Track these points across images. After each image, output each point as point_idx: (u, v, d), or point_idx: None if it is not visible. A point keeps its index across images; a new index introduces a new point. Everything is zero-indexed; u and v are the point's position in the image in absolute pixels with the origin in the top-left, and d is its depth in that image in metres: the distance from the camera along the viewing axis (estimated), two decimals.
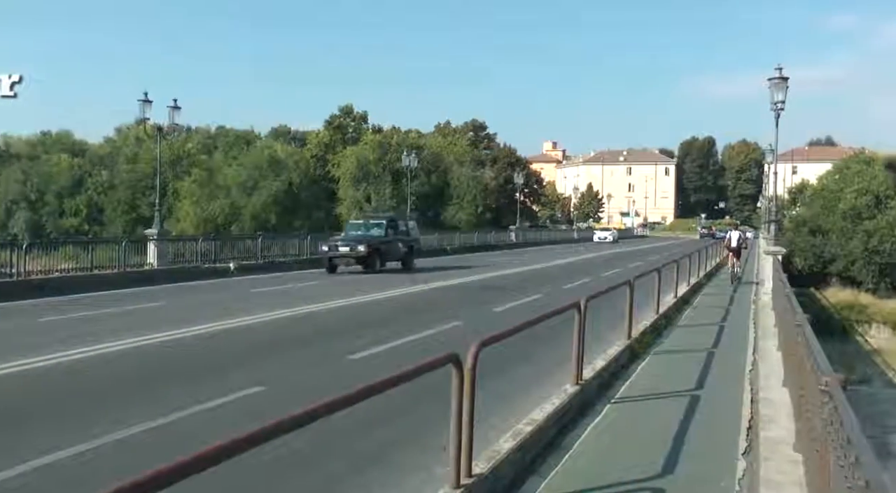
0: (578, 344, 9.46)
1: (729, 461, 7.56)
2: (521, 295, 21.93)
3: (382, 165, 79.06)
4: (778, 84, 27.36)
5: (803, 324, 9.42)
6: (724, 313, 20.16)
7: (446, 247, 50.07)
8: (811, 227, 61.91)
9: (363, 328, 15.41)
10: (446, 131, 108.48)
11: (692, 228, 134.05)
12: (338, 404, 4.32)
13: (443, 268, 33.28)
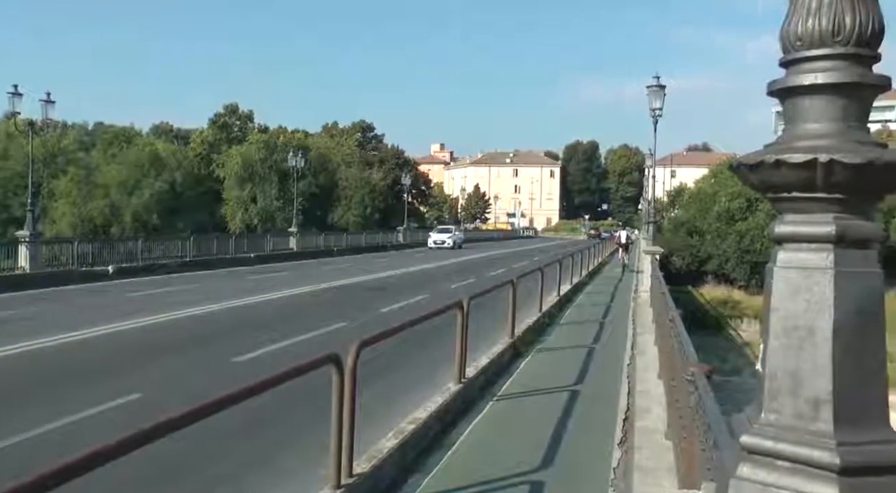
0: (461, 343, 9.55)
1: (605, 450, 7.80)
2: (408, 295, 21.98)
3: (269, 165, 77.63)
4: (656, 91, 28.37)
5: (675, 319, 9.81)
6: (605, 310, 20.76)
7: (333, 248, 49.65)
8: (688, 228, 64.62)
9: (249, 331, 15.12)
10: (334, 132, 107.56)
11: (576, 228, 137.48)
12: (216, 405, 4.23)
13: (334, 268, 33.08)
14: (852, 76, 2.15)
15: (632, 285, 26.66)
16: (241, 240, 41.47)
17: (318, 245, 49.31)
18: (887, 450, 2.07)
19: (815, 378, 2.12)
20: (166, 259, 32.38)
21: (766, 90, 2.33)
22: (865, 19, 2.14)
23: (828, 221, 2.14)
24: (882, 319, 2.18)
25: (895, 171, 2.10)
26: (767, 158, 2.15)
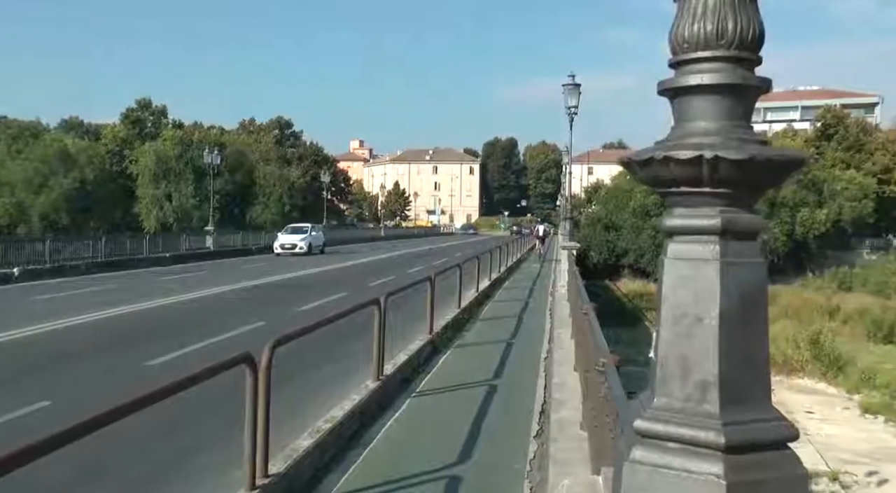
0: (379, 340, 9.58)
1: (522, 443, 7.95)
2: (328, 293, 21.85)
3: (184, 162, 75.89)
4: (571, 90, 28.92)
5: (589, 312, 10.04)
6: (524, 305, 21.05)
7: (252, 247, 48.95)
8: (605, 223, 66.03)
9: (163, 333, 14.82)
10: (251, 128, 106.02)
11: (495, 225, 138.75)
12: (127, 409, 4.17)
13: (252, 267, 32.62)
14: (735, 78, 2.28)
15: (550, 280, 27.09)
16: (155, 239, 40.47)
17: (235, 244, 48.54)
18: (769, 427, 2.22)
19: (703, 363, 2.24)
20: (77, 260, 31.32)
21: (656, 89, 2.45)
22: (747, 25, 2.28)
23: (714, 215, 2.27)
24: (765, 306, 2.32)
25: (775, 166, 2.24)
26: (656, 154, 2.26)
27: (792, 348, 36.54)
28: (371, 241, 74.67)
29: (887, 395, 30.41)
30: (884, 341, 44.50)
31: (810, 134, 78.80)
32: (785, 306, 52.90)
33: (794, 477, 2.22)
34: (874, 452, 23.67)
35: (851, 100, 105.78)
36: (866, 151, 74.37)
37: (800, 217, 64.06)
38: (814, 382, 33.98)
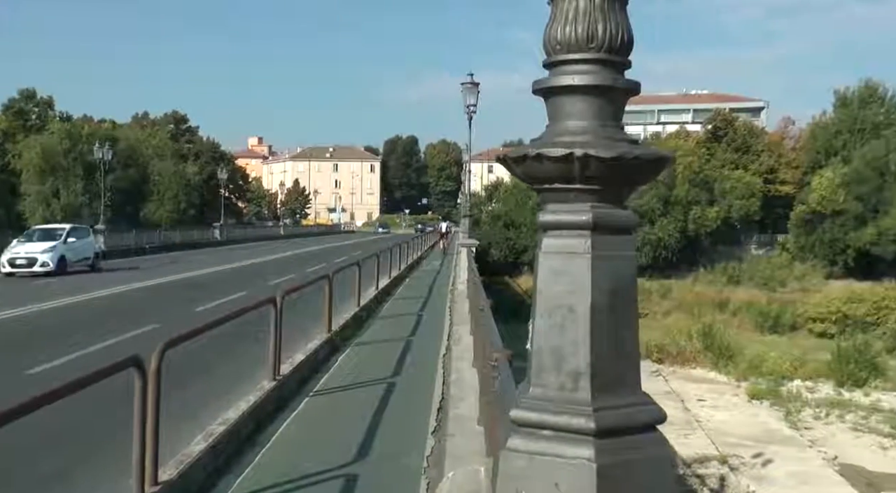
0: (275, 340, 9.47)
1: (420, 440, 8.00)
2: (226, 293, 21.43)
3: (73, 157, 72.75)
4: (470, 89, 29.26)
5: (485, 309, 10.21)
6: (424, 302, 21.15)
7: (145, 246, 47.47)
8: (506, 221, 66.90)
9: (47, 339, 14.20)
10: (144, 123, 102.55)
11: (396, 223, 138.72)
12: (4, 418, 4.00)
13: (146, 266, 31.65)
14: (605, 79, 2.38)
15: (450, 277, 27.28)
16: None
17: (128, 243, 46.96)
18: (638, 411, 2.34)
19: (576, 353, 2.33)
20: None
21: (531, 89, 2.53)
22: (616, 30, 2.38)
23: (585, 210, 2.36)
24: (635, 297, 2.44)
25: (643, 164, 2.36)
26: (530, 152, 2.35)
27: (685, 339, 37.97)
28: (270, 240, 73.55)
29: (772, 382, 31.97)
30: (769, 332, 46.75)
31: (702, 136, 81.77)
32: (678, 299, 54.92)
33: (661, 457, 2.35)
34: (759, 435, 24.87)
35: (740, 104, 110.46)
36: (753, 153, 77.74)
37: (692, 215, 66.45)
38: (706, 371, 35.42)
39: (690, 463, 21.21)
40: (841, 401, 30.00)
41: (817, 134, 74.43)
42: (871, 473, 22.42)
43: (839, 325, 45.83)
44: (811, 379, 33.27)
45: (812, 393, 31.17)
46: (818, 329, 47.26)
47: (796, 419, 27.73)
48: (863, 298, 49.24)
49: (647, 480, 2.28)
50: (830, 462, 22.92)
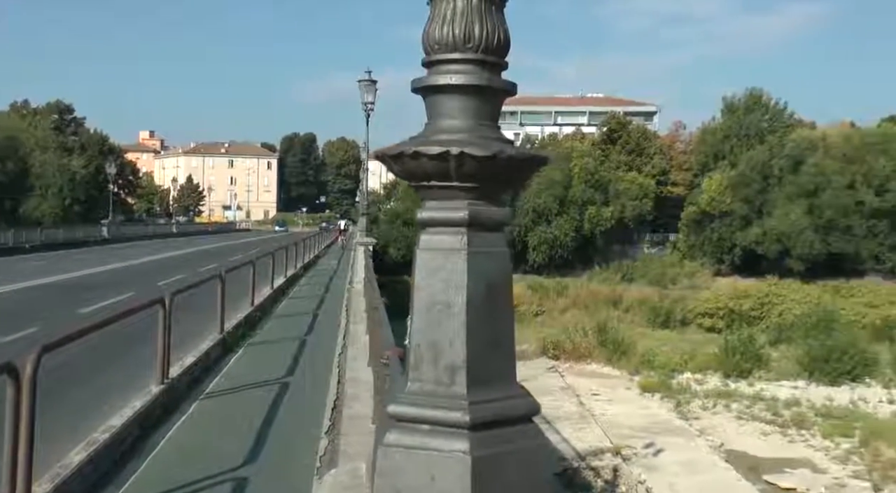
0: (164, 341, 9.20)
1: (313, 440, 7.93)
2: (113, 294, 20.69)
3: None
4: (368, 86, 29.11)
5: (379, 307, 10.21)
6: (320, 301, 20.98)
7: (25, 244, 45.23)
8: (404, 219, 66.90)
9: None
10: (24, 112, 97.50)
11: (294, 221, 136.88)
12: None
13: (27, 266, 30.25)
14: (481, 80, 2.43)
15: (347, 276, 27.13)
16: None
17: (6, 241, 44.62)
18: (513, 404, 2.39)
19: (452, 348, 2.37)
20: None
21: (410, 87, 2.55)
22: (492, 31, 2.43)
23: (461, 207, 2.40)
24: (510, 292, 2.49)
25: (518, 163, 2.41)
26: (407, 149, 2.37)
27: (580, 335, 38.88)
28: (162, 237, 71.44)
29: (663, 375, 33.11)
30: (661, 327, 48.38)
31: (597, 138, 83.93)
32: (574, 296, 56.17)
33: (534, 448, 2.41)
34: (651, 426, 25.72)
35: (634, 108, 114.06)
36: (646, 155, 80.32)
37: (588, 214, 68.05)
38: (600, 366, 36.36)
39: (585, 456, 21.74)
40: (727, 392, 31.32)
41: (706, 138, 77.54)
42: (754, 457, 23.55)
43: (726, 320, 47.78)
44: (700, 372, 34.60)
45: (701, 385, 32.42)
46: (707, 324, 49.17)
47: (686, 409, 28.80)
48: (748, 294, 51.53)
49: (522, 471, 2.34)
50: (717, 449, 23.92)
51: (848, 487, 21.16)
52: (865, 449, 23.77)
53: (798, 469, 22.49)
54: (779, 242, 62.49)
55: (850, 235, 62.43)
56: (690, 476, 20.71)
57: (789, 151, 67.33)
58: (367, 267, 21.76)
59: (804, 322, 41.88)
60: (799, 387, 32.58)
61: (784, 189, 65.07)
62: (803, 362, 34.75)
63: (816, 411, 28.42)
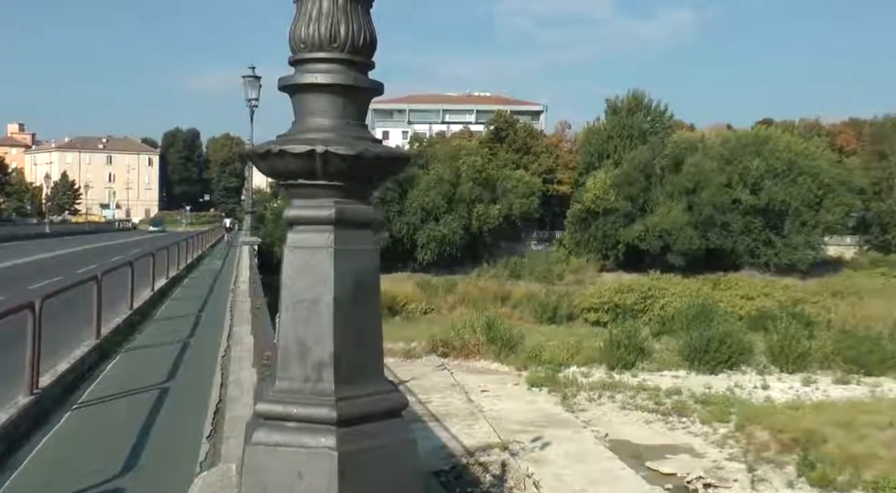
0: (33, 349, 8.75)
1: (194, 445, 7.74)
2: None
3: None
4: (251, 82, 28.61)
5: (262, 307, 10.07)
6: (203, 303, 20.49)
7: None
8: None
9: None
10: None
11: (177, 220, 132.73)
12: None
13: None
14: (347, 79, 2.44)
15: (232, 276, 26.58)
16: None
17: None
18: (381, 400, 2.43)
19: (320, 345, 2.38)
20: None
21: (278, 86, 2.55)
22: (358, 31, 2.44)
23: (328, 206, 2.41)
24: (377, 289, 2.52)
25: (384, 162, 2.44)
26: (273, 148, 2.37)
27: (469, 332, 39.28)
28: (34, 238, 68.05)
29: (550, 369, 33.85)
30: (549, 322, 49.42)
31: (485, 136, 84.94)
32: (463, 294, 56.72)
33: (402, 442, 2.45)
34: (538, 420, 26.27)
35: (520, 107, 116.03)
36: (533, 154, 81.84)
37: (476, 212, 68.82)
38: (489, 362, 36.85)
39: (474, 452, 22.00)
40: (612, 383, 32.30)
41: (591, 138, 79.72)
42: (637, 446, 24.42)
43: (611, 313, 49.17)
44: (586, 365, 35.52)
45: (587, 378, 33.30)
46: (592, 318, 50.54)
47: (572, 402, 29.54)
48: (631, 288, 53.28)
49: (390, 465, 2.37)
50: (602, 440, 24.66)
51: (725, 469, 22.19)
52: (741, 433, 24.98)
53: (678, 455, 23.46)
54: (660, 238, 64.90)
55: (728, 231, 65.48)
56: (577, 467, 21.27)
57: (670, 152, 70.18)
58: (252, 267, 21.41)
59: (685, 315, 43.53)
60: (680, 377, 33.94)
61: (665, 188, 67.68)
62: (684, 352, 36.18)
63: (696, 398, 29.66)
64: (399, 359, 36.61)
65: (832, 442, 22.68)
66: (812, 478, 20.92)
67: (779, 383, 33.26)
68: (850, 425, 24.37)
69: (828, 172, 68.57)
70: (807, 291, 56.08)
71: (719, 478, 21.48)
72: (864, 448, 22.33)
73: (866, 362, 34.90)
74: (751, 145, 69.56)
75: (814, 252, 67.97)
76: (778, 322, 39.06)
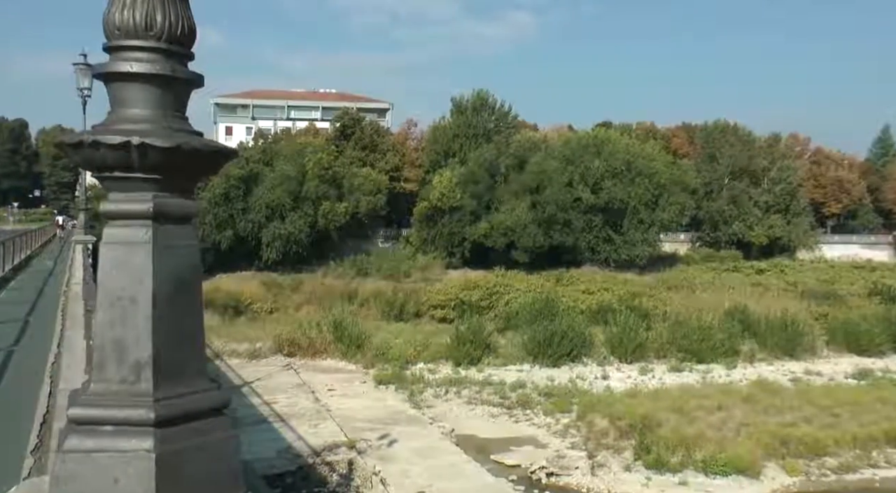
0: None
1: (16, 461, 7.28)
2: None
3: None
4: (83, 70, 27.12)
5: (94, 310, 9.57)
6: (32, 307, 19.30)
7: None
8: None
9: None
10: None
11: (3, 217, 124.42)
12: None
13: None
14: (165, 69, 2.37)
15: (65, 277, 25.16)
16: None
17: None
18: (202, 398, 2.37)
19: (138, 344, 2.30)
20: None
21: (92, 73, 2.44)
22: (176, 20, 2.37)
23: (146, 200, 2.33)
24: (199, 285, 2.47)
25: (204, 156, 2.39)
26: (86, 138, 2.26)
27: (316, 331, 38.94)
28: None
29: (397, 367, 34.05)
30: (396, 320, 49.64)
31: (331, 133, 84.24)
32: (309, 292, 56.12)
33: (224, 440, 2.40)
34: (385, 417, 26.38)
35: (367, 105, 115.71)
36: (380, 151, 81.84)
37: (322, 210, 68.15)
38: (336, 361, 36.66)
39: (320, 452, 21.84)
40: (458, 379, 32.86)
41: (437, 136, 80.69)
42: (483, 439, 25.00)
43: (458, 310, 49.87)
44: (433, 361, 35.95)
45: (434, 374, 33.73)
46: (440, 315, 51.11)
47: (419, 399, 29.84)
48: (477, 285, 54.28)
49: (211, 463, 2.33)
50: (448, 435, 25.06)
51: (567, 457, 23.07)
52: (582, 422, 26.03)
53: (523, 447, 24.18)
54: (505, 235, 66.53)
55: (570, 228, 67.93)
56: (423, 462, 21.52)
57: (514, 151, 72.07)
58: (86, 267, 20.33)
59: (529, 310, 44.79)
60: (524, 370, 34.96)
61: (510, 186, 69.42)
62: (528, 347, 37.25)
63: (540, 391, 30.65)
64: (244, 360, 35.88)
65: (666, 427, 24.02)
66: (648, 461, 22.10)
67: (618, 372, 34.90)
68: (682, 410, 25.90)
69: (663, 173, 72.52)
70: (644, 285, 59.02)
71: (561, 466, 22.31)
72: (695, 431, 23.80)
73: (698, 351, 37.27)
74: (591, 146, 72.51)
75: (650, 248, 71.68)
76: (617, 315, 41.00)
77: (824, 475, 22.48)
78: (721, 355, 37.38)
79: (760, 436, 23.48)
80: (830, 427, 24.80)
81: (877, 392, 29.80)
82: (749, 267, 72.05)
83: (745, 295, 51.23)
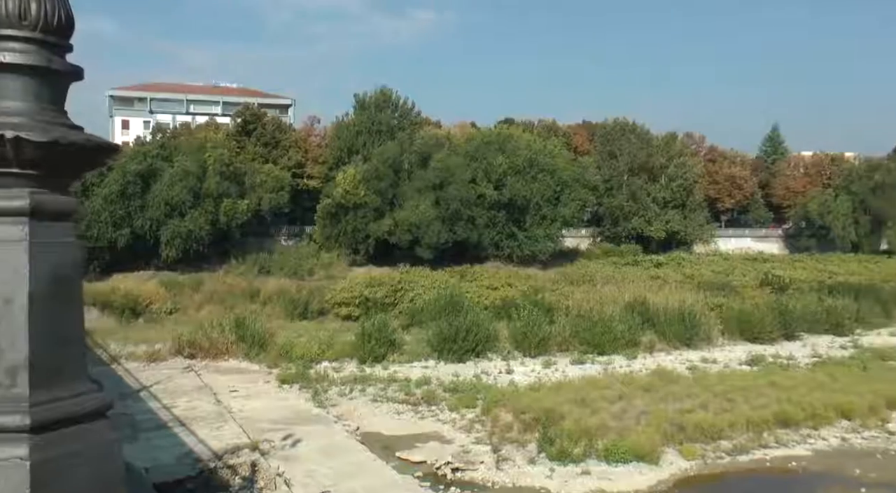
0: None
1: None
2: None
3: None
4: None
5: None
6: None
7: None
8: None
9: None
10: None
11: None
12: None
13: None
14: (40, 60, 2.27)
15: None
16: None
17: None
18: (83, 401, 2.30)
19: (13, 347, 2.21)
20: None
21: None
22: (52, 10, 2.28)
23: (23, 196, 2.24)
24: (80, 285, 2.38)
25: (83, 151, 2.30)
26: None
27: (217, 331, 38.09)
28: None
29: (301, 365, 33.64)
30: (300, 318, 49.10)
31: (232, 129, 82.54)
32: (211, 292, 54.91)
33: (106, 443, 2.34)
34: (290, 418, 26.02)
35: (269, 100, 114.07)
36: (282, 148, 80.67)
37: (223, 207, 66.72)
38: (239, 362, 35.95)
39: (222, 455, 21.38)
40: (363, 377, 32.68)
41: (340, 133, 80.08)
42: (387, 436, 24.94)
43: (362, 307, 49.60)
44: (338, 359, 35.64)
45: (338, 372, 33.44)
46: (344, 313, 50.71)
47: (323, 398, 29.54)
48: (382, 282, 54.11)
49: (93, 467, 2.25)
50: (353, 433, 24.90)
51: (472, 452, 23.22)
52: (487, 417, 26.25)
53: (428, 443, 24.23)
54: (409, 232, 66.57)
55: (474, 224, 68.48)
56: (328, 462, 21.33)
57: (418, 148, 72.16)
58: None
59: (433, 306, 44.96)
60: (429, 367, 35.03)
61: (414, 183, 69.47)
62: (433, 343, 37.36)
63: (445, 387, 30.76)
64: (143, 363, 34.81)
65: (569, 418, 24.46)
66: (551, 453, 22.48)
67: (522, 367, 35.37)
68: (584, 401, 26.45)
69: (565, 170, 74.02)
70: (547, 280, 60.02)
71: (467, 461, 22.46)
72: (597, 421, 24.34)
73: (599, 343, 38.23)
74: (494, 143, 73.31)
75: (553, 244, 73.00)
76: (521, 310, 41.56)
77: (720, 457, 23.37)
78: (622, 347, 38.40)
79: (659, 423, 24.20)
80: (725, 412, 25.82)
81: (768, 377, 31.25)
82: (648, 261, 74.44)
83: (644, 288, 52.65)
